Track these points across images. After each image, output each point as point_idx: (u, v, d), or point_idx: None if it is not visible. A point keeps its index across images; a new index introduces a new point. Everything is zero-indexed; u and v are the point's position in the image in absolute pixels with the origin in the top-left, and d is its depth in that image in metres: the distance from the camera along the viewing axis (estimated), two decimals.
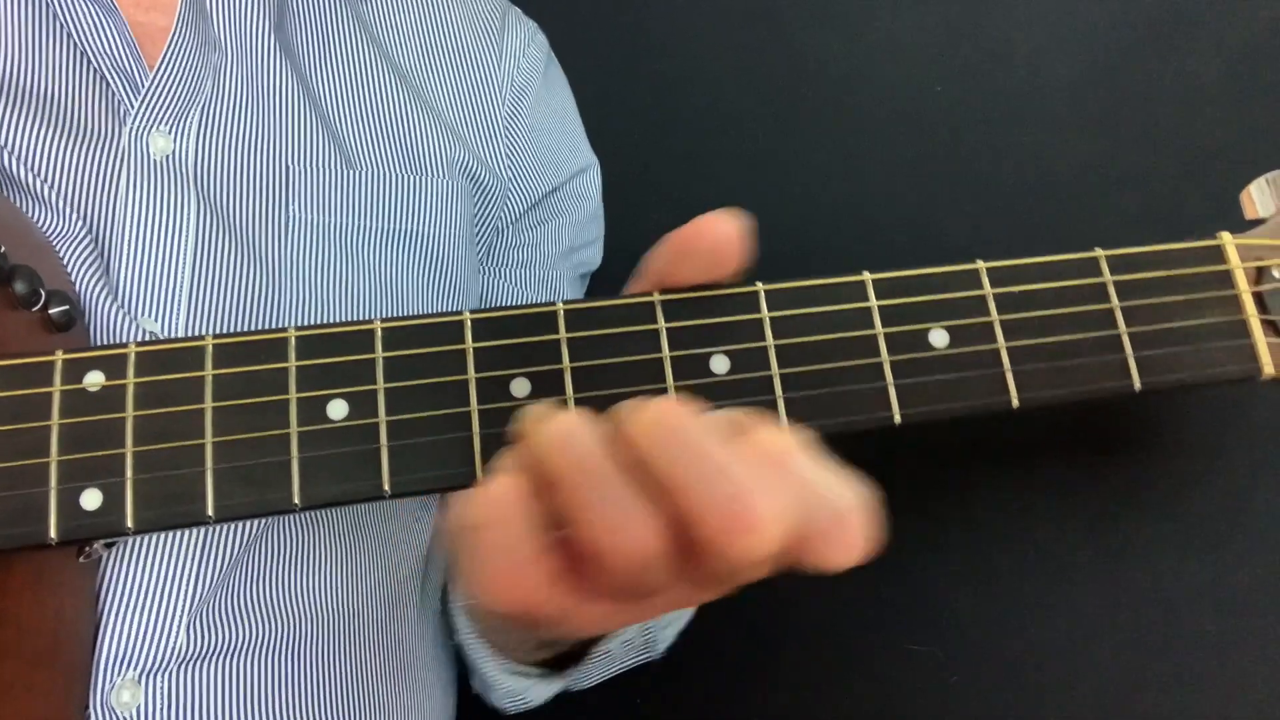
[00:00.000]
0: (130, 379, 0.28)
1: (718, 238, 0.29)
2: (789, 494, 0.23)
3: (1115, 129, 0.63)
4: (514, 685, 0.45)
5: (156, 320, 0.40)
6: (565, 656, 0.42)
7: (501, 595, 0.24)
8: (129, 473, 0.28)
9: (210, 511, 0.27)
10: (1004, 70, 0.65)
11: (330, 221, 0.45)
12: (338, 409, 0.28)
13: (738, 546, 0.22)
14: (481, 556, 0.24)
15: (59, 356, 0.29)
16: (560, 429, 0.24)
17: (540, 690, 0.45)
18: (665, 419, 0.24)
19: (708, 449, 0.23)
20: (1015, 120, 0.65)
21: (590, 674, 0.45)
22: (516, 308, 0.29)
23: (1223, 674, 0.58)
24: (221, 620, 0.40)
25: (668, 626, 0.49)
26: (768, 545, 0.23)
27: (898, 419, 0.28)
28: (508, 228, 0.54)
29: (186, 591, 0.39)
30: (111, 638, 0.37)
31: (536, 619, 0.24)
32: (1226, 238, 0.30)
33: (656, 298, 0.29)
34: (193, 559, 0.39)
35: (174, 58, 0.43)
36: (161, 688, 0.38)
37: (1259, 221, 0.31)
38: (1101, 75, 0.64)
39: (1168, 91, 0.62)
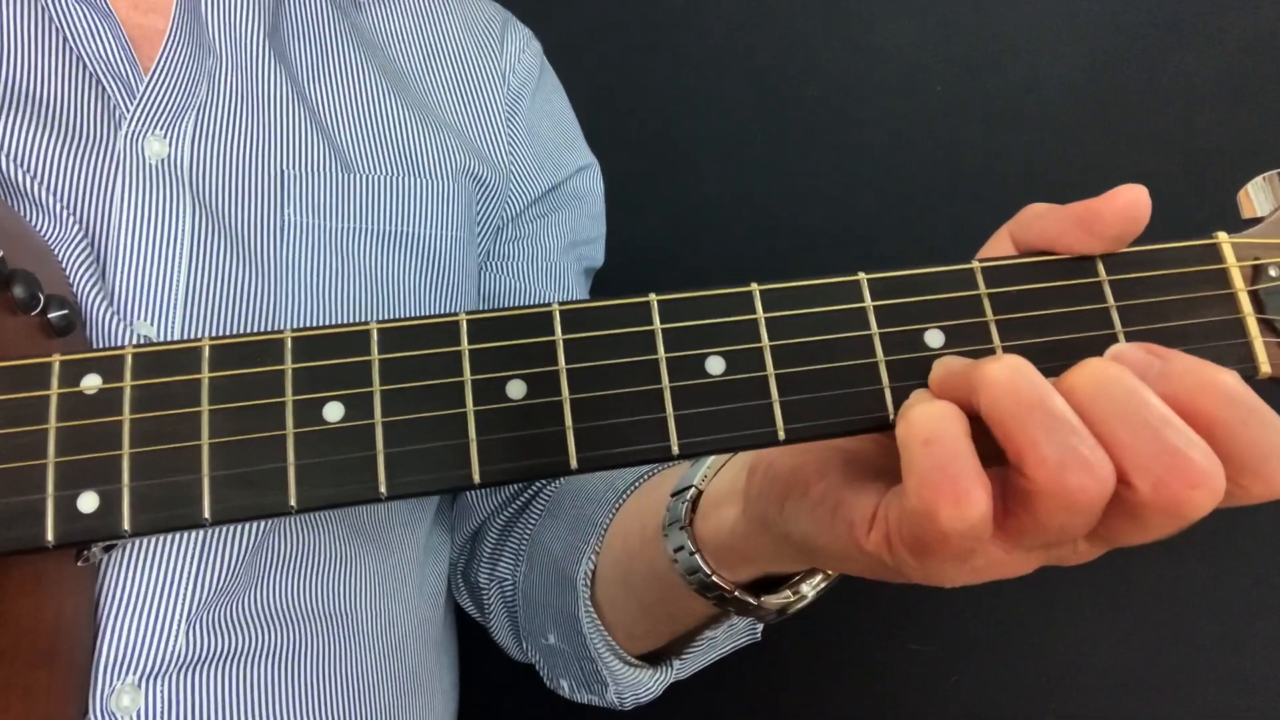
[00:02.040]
0: (127, 381, 0.28)
1: (1133, 209, 0.28)
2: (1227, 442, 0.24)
3: (1114, 129, 0.63)
4: (636, 677, 0.45)
5: (152, 324, 0.40)
6: (672, 647, 0.43)
7: (948, 508, 0.24)
8: (125, 476, 0.28)
9: (207, 514, 0.27)
10: (1004, 70, 0.65)
11: (326, 225, 0.45)
12: (334, 411, 0.28)
13: (1180, 499, 0.23)
14: (934, 466, 0.24)
15: (56, 359, 0.29)
16: (1018, 365, 0.25)
17: (660, 681, 0.46)
18: (1116, 372, 0.25)
19: (1156, 404, 0.24)
20: (1015, 120, 0.65)
21: (696, 661, 0.46)
22: (512, 309, 0.29)
23: (1223, 674, 0.58)
24: (222, 625, 0.40)
25: None
26: (1210, 503, 0.24)
27: (893, 418, 0.28)
28: (508, 224, 0.54)
29: (187, 596, 0.39)
30: (112, 641, 0.37)
31: (955, 537, 0.24)
32: (1223, 237, 0.30)
33: (653, 298, 0.29)
34: (193, 563, 0.39)
35: (169, 62, 0.43)
36: (162, 692, 0.38)
37: (1256, 220, 0.31)
38: (1101, 75, 0.64)
39: (1167, 91, 0.62)
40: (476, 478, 0.28)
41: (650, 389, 0.28)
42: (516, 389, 0.28)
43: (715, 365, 0.29)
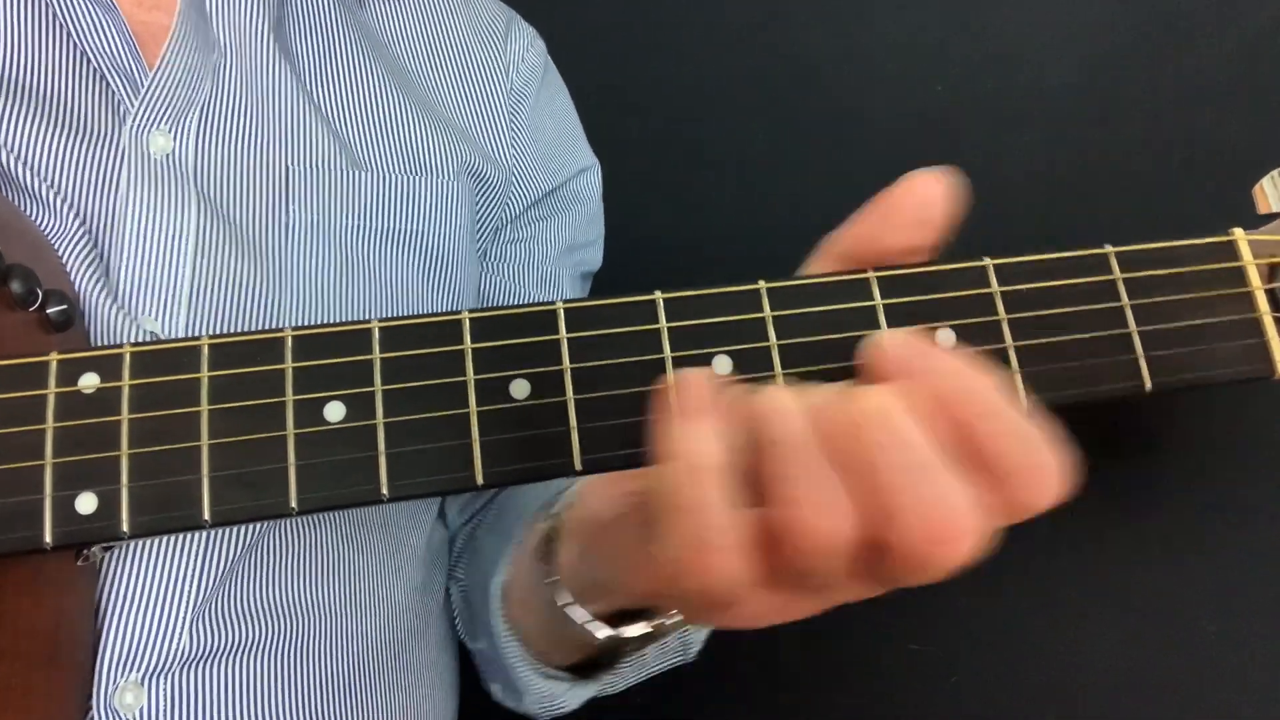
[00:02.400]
0: (125, 381, 0.28)
1: (923, 199, 0.28)
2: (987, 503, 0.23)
3: (1115, 129, 0.63)
4: (549, 689, 0.45)
5: (157, 320, 0.40)
6: (600, 660, 0.42)
7: (692, 562, 0.23)
8: (124, 477, 0.27)
9: (206, 516, 0.27)
10: (1004, 70, 0.65)
11: (331, 222, 0.45)
12: (335, 411, 0.28)
13: (928, 553, 0.23)
14: (677, 517, 0.24)
15: (53, 358, 0.28)
16: (780, 399, 0.24)
17: (575, 694, 0.45)
18: (883, 408, 0.23)
19: (920, 451, 0.23)
20: (1015, 120, 0.65)
21: (625, 677, 0.45)
22: (516, 307, 0.29)
23: (1223, 674, 0.57)
24: (225, 621, 0.40)
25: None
26: (961, 558, 0.23)
27: None
28: (507, 224, 0.54)
29: (190, 591, 0.38)
30: (114, 639, 0.37)
31: (716, 593, 0.24)
32: (1239, 234, 0.29)
33: (659, 296, 0.29)
34: (196, 558, 0.39)
35: (174, 56, 0.43)
36: (165, 689, 0.38)
37: (1272, 217, 0.31)
38: (1101, 75, 0.63)
39: (1168, 91, 0.62)
40: (480, 479, 0.27)
41: (656, 389, 0.28)
42: (520, 389, 0.28)
43: (722, 364, 0.28)
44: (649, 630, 0.37)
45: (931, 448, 0.23)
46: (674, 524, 0.24)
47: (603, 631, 0.37)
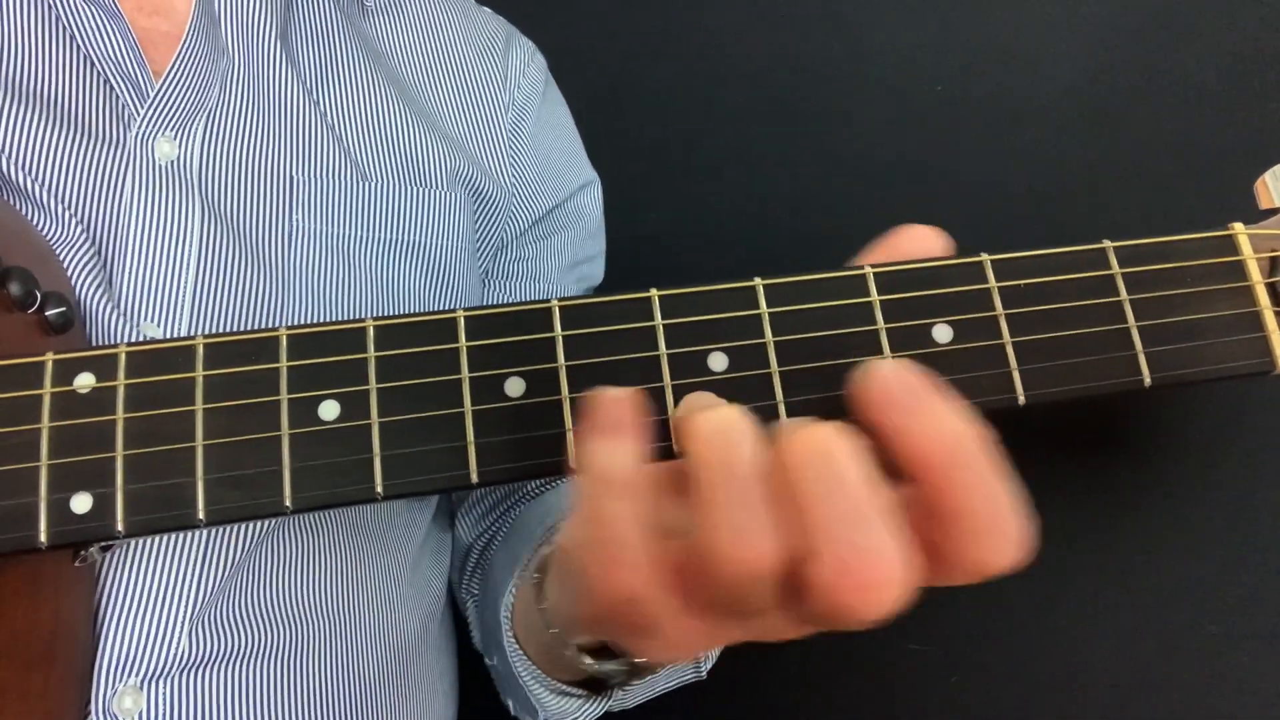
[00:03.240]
0: (121, 380, 0.28)
1: (928, 245, 0.28)
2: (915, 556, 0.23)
3: (1115, 128, 0.63)
4: (561, 706, 0.44)
5: (159, 325, 0.40)
6: (609, 680, 0.42)
7: (600, 577, 0.23)
8: (119, 477, 0.27)
9: (201, 515, 0.27)
10: (1004, 70, 0.65)
11: (335, 232, 0.45)
12: (329, 410, 0.28)
13: (845, 599, 0.22)
14: (587, 531, 0.23)
15: (49, 358, 0.28)
16: (723, 420, 0.24)
17: (587, 712, 0.45)
18: (827, 449, 0.23)
19: (856, 496, 0.23)
20: (1015, 120, 0.65)
21: (635, 694, 0.45)
22: (511, 305, 0.29)
23: (1223, 674, 0.57)
24: (225, 625, 0.40)
25: None
26: (880, 609, 0.22)
27: None
28: (511, 242, 0.54)
29: (189, 596, 0.38)
30: (114, 642, 0.37)
31: (632, 616, 0.24)
32: (1239, 228, 0.29)
33: (654, 293, 0.29)
34: (196, 563, 0.39)
35: (184, 63, 0.43)
36: (164, 693, 0.38)
37: (1273, 212, 0.31)
38: (1101, 75, 0.63)
39: (1167, 91, 0.62)
40: (474, 477, 0.27)
41: (652, 387, 0.28)
42: (515, 387, 0.28)
43: (718, 362, 0.28)
44: (624, 667, 0.37)
45: (869, 494, 0.23)
46: (585, 538, 0.24)
47: (586, 663, 0.36)
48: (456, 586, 0.56)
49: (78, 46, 0.42)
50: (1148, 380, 0.28)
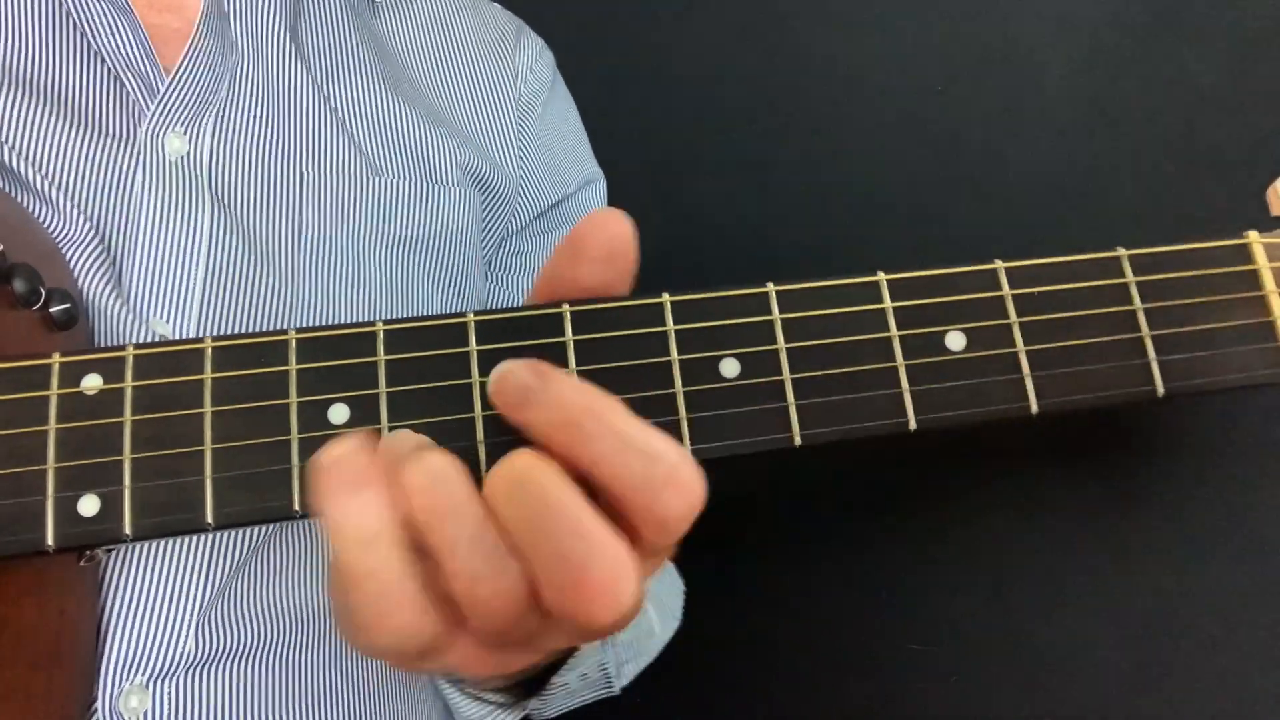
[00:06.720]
0: (128, 382, 0.28)
1: (611, 235, 0.27)
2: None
3: (1114, 129, 0.63)
4: (474, 712, 0.45)
5: (168, 321, 0.39)
6: (523, 686, 0.42)
7: (375, 624, 0.23)
8: (127, 479, 0.27)
9: (210, 519, 0.27)
10: (1004, 70, 0.65)
11: (345, 227, 0.45)
12: (339, 413, 0.27)
13: (584, 611, 0.22)
14: (354, 586, 0.23)
15: (56, 359, 0.28)
16: (439, 470, 0.23)
17: (500, 719, 0.45)
18: (523, 475, 0.23)
19: (561, 511, 0.22)
20: (1015, 120, 0.65)
21: (550, 705, 0.46)
22: (522, 309, 0.28)
23: (1223, 674, 0.57)
24: (230, 623, 0.40)
25: (627, 664, 0.49)
26: (621, 608, 0.22)
27: (913, 425, 0.27)
28: (513, 235, 0.54)
29: (195, 594, 0.38)
30: (119, 642, 0.37)
31: (413, 649, 0.23)
32: (1254, 236, 0.29)
33: (666, 299, 0.29)
34: (201, 561, 0.39)
35: (194, 59, 0.43)
36: (170, 692, 0.38)
37: None
38: (1102, 75, 0.63)
39: (1167, 91, 0.61)
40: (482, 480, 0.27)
41: (663, 393, 0.28)
42: None
43: (730, 368, 0.28)
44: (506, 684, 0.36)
45: (576, 506, 0.23)
46: (350, 603, 0.23)
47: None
48: None
49: (88, 43, 0.42)
50: (1161, 390, 0.28)
